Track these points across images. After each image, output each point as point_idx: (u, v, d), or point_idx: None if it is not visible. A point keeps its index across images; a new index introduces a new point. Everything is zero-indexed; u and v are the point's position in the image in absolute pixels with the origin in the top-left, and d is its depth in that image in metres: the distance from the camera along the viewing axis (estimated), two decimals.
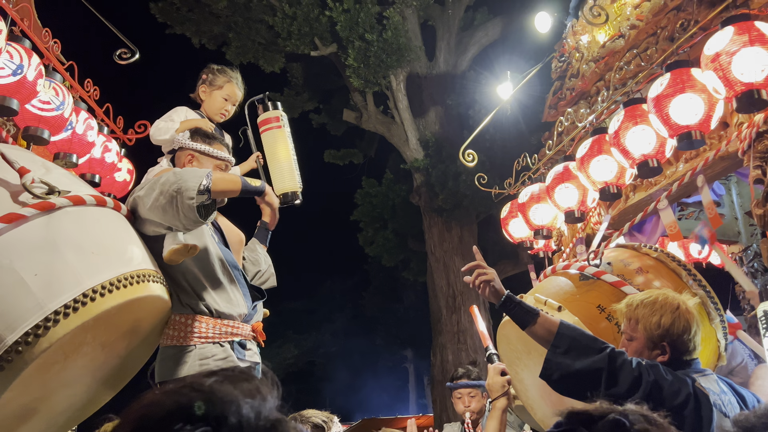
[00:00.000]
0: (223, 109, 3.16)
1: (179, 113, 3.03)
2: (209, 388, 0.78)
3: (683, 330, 2.11)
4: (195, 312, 2.50)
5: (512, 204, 4.06)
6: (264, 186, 2.57)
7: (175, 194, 2.25)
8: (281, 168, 2.96)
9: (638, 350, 2.18)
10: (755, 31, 2.45)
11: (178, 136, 2.79)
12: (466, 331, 9.90)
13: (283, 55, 10.56)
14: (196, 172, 2.34)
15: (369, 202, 11.74)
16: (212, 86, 3.14)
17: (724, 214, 4.21)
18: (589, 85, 3.79)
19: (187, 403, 0.76)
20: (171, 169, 2.72)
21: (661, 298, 2.18)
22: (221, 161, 2.77)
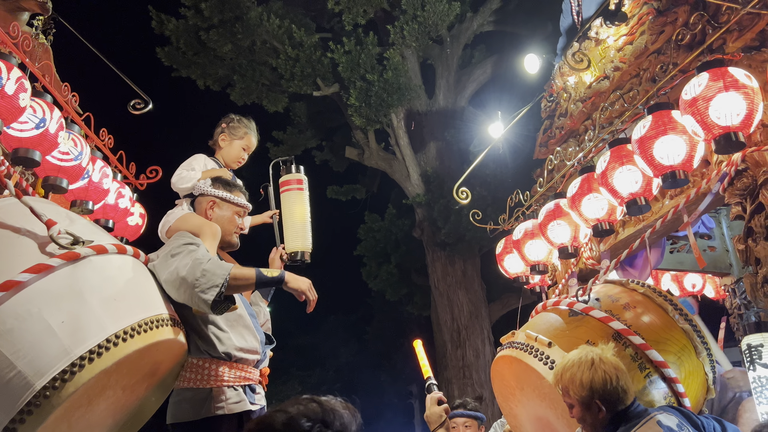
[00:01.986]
0: (240, 158, 3.31)
1: (198, 161, 3.18)
2: (322, 401, 1.11)
3: (604, 382, 2.22)
4: (212, 356, 2.61)
5: (507, 240, 4.15)
6: (283, 274, 2.63)
7: (191, 290, 2.41)
8: (295, 227, 3.14)
9: (581, 414, 2.29)
10: (729, 77, 2.58)
11: (200, 183, 2.96)
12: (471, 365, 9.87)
13: (286, 95, 10.82)
14: (213, 275, 2.44)
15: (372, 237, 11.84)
16: (233, 136, 3.29)
17: (715, 246, 4.28)
18: (577, 124, 3.92)
19: (306, 410, 1.07)
20: (190, 217, 2.89)
21: (577, 358, 2.30)
22: (240, 208, 2.95)
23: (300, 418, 1.07)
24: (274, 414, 1.10)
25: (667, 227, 3.28)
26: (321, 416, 1.08)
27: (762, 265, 2.61)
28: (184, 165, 3.13)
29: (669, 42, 3.20)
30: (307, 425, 1.06)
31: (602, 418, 2.24)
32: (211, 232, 2.82)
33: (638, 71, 3.47)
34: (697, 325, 2.77)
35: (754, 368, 2.42)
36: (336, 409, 1.11)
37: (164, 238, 2.94)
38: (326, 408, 1.10)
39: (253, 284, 2.56)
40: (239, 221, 2.97)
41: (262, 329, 3.01)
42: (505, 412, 3.19)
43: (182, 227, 2.83)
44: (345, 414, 1.11)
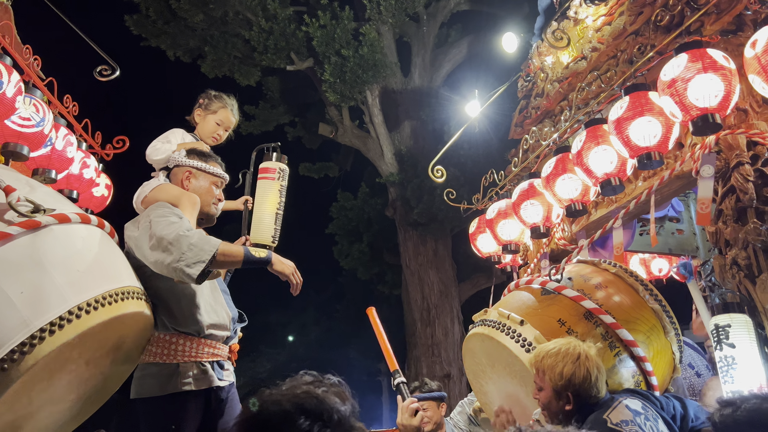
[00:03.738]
0: (215, 133, 3.22)
1: (176, 135, 3.10)
2: (319, 395, 1.07)
3: (584, 378, 2.25)
4: (180, 331, 2.56)
5: (480, 219, 4.15)
6: (270, 256, 2.60)
7: (177, 263, 2.38)
8: (262, 219, 3.06)
9: (547, 400, 2.32)
10: (708, 59, 2.58)
11: (175, 154, 2.90)
12: (440, 343, 9.97)
13: (259, 69, 10.61)
14: (201, 250, 2.40)
15: (344, 215, 11.79)
16: (207, 110, 3.22)
17: (683, 229, 4.35)
18: (554, 105, 3.91)
19: (304, 404, 1.04)
20: (167, 187, 2.82)
21: (563, 348, 2.32)
22: (217, 178, 2.90)
23: (297, 416, 1.03)
24: (269, 407, 1.05)
25: (639, 208, 3.31)
26: (319, 413, 1.05)
27: (731, 246, 2.65)
28: (161, 137, 3.05)
29: (647, 23, 3.19)
30: (306, 424, 1.02)
31: (567, 410, 2.28)
32: (191, 202, 2.76)
33: (616, 52, 3.46)
34: (666, 305, 2.80)
35: (720, 348, 2.46)
36: (333, 403, 1.08)
37: (139, 208, 2.87)
38: (325, 403, 1.07)
39: (240, 263, 2.52)
40: (217, 192, 2.90)
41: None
42: (476, 389, 3.21)
43: (160, 197, 2.76)
44: (342, 405, 1.09)
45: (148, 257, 2.47)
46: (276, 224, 3.07)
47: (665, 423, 2.31)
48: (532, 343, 2.59)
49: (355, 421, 1.10)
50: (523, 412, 2.80)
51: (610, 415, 2.19)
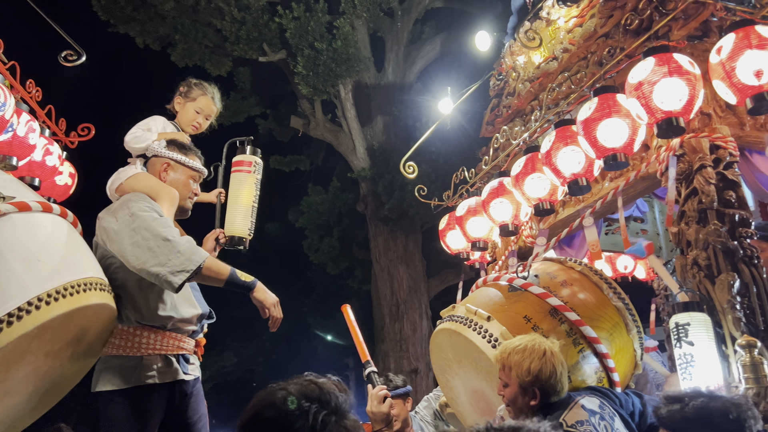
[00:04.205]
0: (194, 121, 3.16)
1: (157, 123, 3.03)
2: (320, 382, 1.24)
3: (550, 374, 2.29)
4: (145, 324, 2.51)
5: (450, 216, 4.17)
6: (255, 283, 2.56)
7: (159, 267, 2.35)
8: (237, 211, 3.03)
9: (513, 395, 2.35)
10: (674, 63, 2.64)
11: (154, 144, 2.83)
12: (408, 339, 10.01)
13: (230, 59, 10.46)
14: (187, 260, 2.38)
15: (315, 209, 11.73)
16: (186, 98, 3.15)
17: (647, 230, 4.45)
18: (524, 104, 3.95)
19: (306, 390, 1.21)
20: (145, 178, 2.75)
21: (530, 345, 2.35)
22: (195, 172, 2.85)
23: (300, 398, 1.20)
24: (277, 391, 1.23)
25: (605, 208, 3.37)
26: (318, 396, 1.21)
27: (692, 247, 2.72)
28: (141, 124, 2.97)
29: (617, 26, 3.25)
30: (306, 405, 1.18)
31: (532, 406, 2.31)
32: (170, 197, 2.70)
33: (586, 54, 3.51)
34: (629, 303, 2.87)
35: (680, 345, 2.53)
36: (331, 390, 1.24)
37: (113, 195, 2.79)
38: (323, 389, 1.23)
39: (223, 281, 2.48)
40: (194, 186, 2.86)
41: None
42: (442, 384, 3.24)
43: (137, 187, 2.69)
44: (340, 395, 1.24)
45: (126, 253, 2.41)
46: (252, 217, 3.05)
47: (623, 420, 2.36)
48: (498, 339, 2.62)
49: (351, 412, 1.24)
50: (488, 407, 2.84)
51: (566, 417, 2.23)
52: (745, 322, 2.52)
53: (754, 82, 2.47)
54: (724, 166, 2.76)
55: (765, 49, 2.45)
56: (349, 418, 1.23)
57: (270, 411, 1.20)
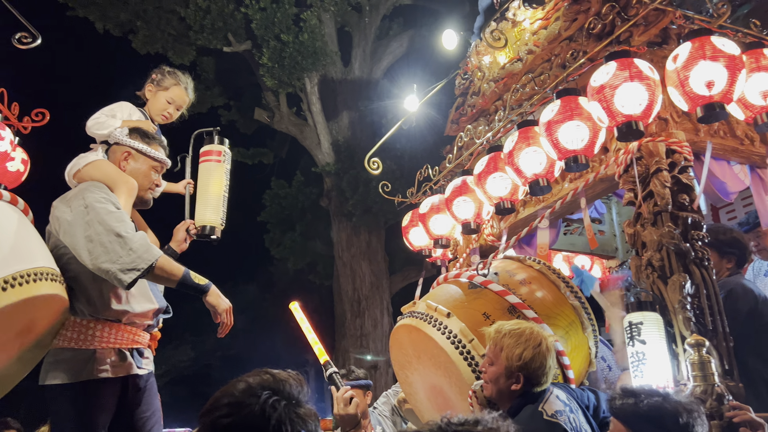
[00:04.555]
0: (165, 111, 3.08)
1: (123, 109, 2.94)
2: (274, 373, 1.32)
3: (540, 365, 2.32)
4: (99, 317, 2.44)
5: (413, 213, 4.19)
6: (208, 286, 2.52)
7: (109, 263, 2.30)
8: (208, 200, 2.97)
9: (496, 375, 2.37)
10: (635, 68, 2.70)
11: (116, 131, 2.74)
12: (369, 335, 10.03)
13: (194, 48, 10.27)
14: (139, 258, 2.33)
15: (278, 203, 11.63)
16: (159, 87, 3.07)
17: (605, 231, 4.55)
18: (489, 104, 3.99)
19: (261, 380, 1.28)
20: (104, 166, 2.66)
21: (527, 332, 2.37)
22: (158, 162, 2.78)
23: (256, 388, 1.27)
24: (236, 383, 1.30)
25: (565, 209, 3.43)
26: (273, 385, 1.28)
27: (647, 248, 2.79)
28: (106, 110, 2.88)
29: (581, 30, 3.30)
30: (260, 392, 1.25)
31: (513, 390, 2.32)
32: (128, 188, 2.63)
33: (550, 56, 3.56)
34: (585, 302, 2.93)
35: (633, 344, 2.59)
36: (286, 380, 1.31)
37: (71, 181, 2.71)
38: (277, 379, 1.30)
39: (175, 282, 2.44)
40: (155, 177, 2.79)
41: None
42: (401, 380, 3.25)
43: (95, 175, 2.61)
44: (294, 384, 1.31)
45: (79, 246, 2.35)
46: (223, 207, 3.00)
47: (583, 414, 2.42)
48: (457, 335, 2.65)
49: (309, 404, 1.31)
50: (446, 403, 2.86)
51: (544, 407, 2.26)
52: (695, 321, 2.60)
53: (706, 92, 2.55)
54: (679, 170, 2.84)
55: (717, 61, 2.53)
56: (304, 406, 1.29)
57: (226, 399, 1.27)
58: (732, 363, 2.60)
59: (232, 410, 1.24)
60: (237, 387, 1.29)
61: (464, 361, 2.62)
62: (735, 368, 2.60)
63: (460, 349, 2.63)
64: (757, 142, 3.16)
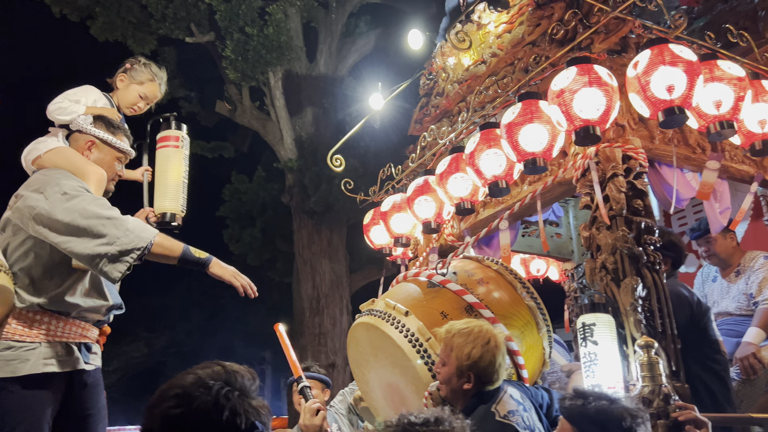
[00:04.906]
0: (135, 105, 2.98)
1: (88, 95, 2.82)
2: (225, 364, 1.28)
3: (489, 363, 2.34)
4: (46, 309, 2.35)
5: (375, 211, 4.19)
6: (210, 258, 2.44)
7: (107, 247, 2.21)
8: (167, 187, 2.89)
9: (448, 376, 2.39)
10: (594, 74, 2.75)
11: (80, 118, 2.64)
12: (327, 333, 9.98)
13: (155, 37, 10.02)
14: (137, 237, 2.26)
15: (238, 198, 11.46)
16: (132, 79, 2.96)
17: (561, 233, 4.64)
18: (452, 105, 4.02)
19: (212, 372, 1.25)
20: (69, 154, 2.56)
21: (476, 330, 2.39)
22: (122, 153, 2.69)
23: (207, 379, 1.23)
24: (185, 375, 1.26)
25: (523, 211, 3.48)
26: (224, 377, 1.25)
27: (602, 251, 2.85)
28: (70, 94, 2.76)
29: (544, 35, 3.35)
30: (210, 383, 1.22)
31: (466, 389, 2.34)
32: (97, 179, 2.53)
33: (513, 60, 3.61)
34: (541, 303, 2.98)
35: (585, 345, 2.64)
36: (237, 371, 1.28)
37: (29, 167, 2.59)
38: (229, 370, 1.27)
39: (176, 259, 2.36)
40: (119, 167, 2.70)
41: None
42: (358, 378, 3.24)
43: (59, 163, 2.50)
44: (246, 376, 1.28)
45: (61, 233, 2.25)
46: (183, 193, 2.93)
47: (536, 413, 2.46)
48: (414, 333, 2.66)
49: (257, 393, 1.28)
50: (402, 401, 2.87)
51: (497, 407, 2.29)
52: (645, 324, 2.67)
53: (666, 96, 2.62)
54: (634, 175, 2.91)
55: (677, 66, 2.60)
56: (257, 398, 1.26)
57: (175, 390, 1.23)
58: (679, 365, 2.68)
59: (181, 402, 1.21)
60: (186, 379, 1.24)
61: (421, 359, 2.63)
62: (681, 370, 2.68)
63: (417, 348, 2.64)
64: (708, 151, 3.27)
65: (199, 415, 1.19)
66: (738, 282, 3.71)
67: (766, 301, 3.44)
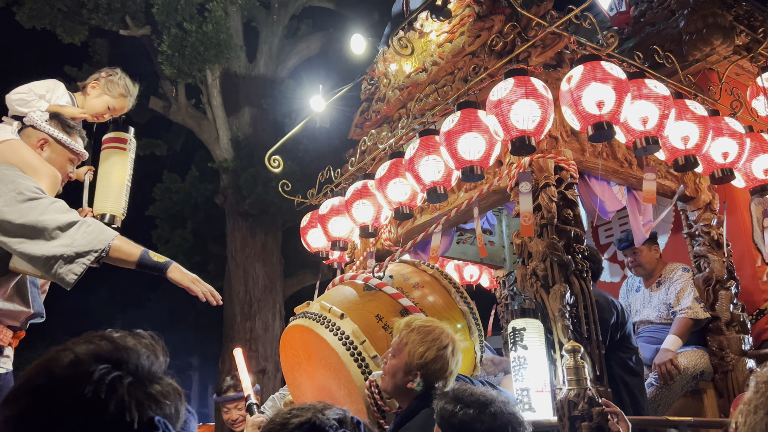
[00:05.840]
0: (101, 115, 2.90)
1: (54, 91, 2.72)
2: (114, 338, 0.95)
3: (440, 368, 2.26)
4: None
5: (313, 214, 4.15)
6: (169, 263, 2.34)
7: (64, 248, 2.12)
8: (109, 188, 2.81)
9: (395, 369, 2.31)
10: (530, 86, 2.84)
11: (35, 114, 2.52)
12: (258, 338, 9.79)
13: (86, 28, 9.60)
14: (95, 239, 2.17)
15: (169, 198, 11.10)
16: (107, 90, 2.90)
17: (494, 241, 4.75)
18: (393, 111, 4.05)
19: (96, 349, 0.91)
20: (22, 149, 2.41)
21: (436, 332, 2.31)
22: (75, 155, 2.59)
23: (88, 360, 0.89)
24: (60, 353, 0.91)
25: (459, 217, 3.54)
26: (112, 356, 0.91)
27: (533, 258, 2.94)
28: (36, 86, 2.66)
29: (483, 46, 3.44)
30: (96, 368, 0.88)
31: (409, 388, 2.27)
32: (51, 180, 2.41)
33: (453, 69, 3.68)
34: (474, 307, 3.03)
35: (515, 349, 2.71)
36: (131, 347, 0.94)
37: None
38: (120, 346, 0.93)
39: (133, 263, 2.26)
40: (70, 169, 2.59)
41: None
42: (289, 382, 3.19)
43: (11, 158, 2.36)
44: (144, 352, 0.95)
45: (11, 234, 2.14)
46: (125, 196, 2.88)
47: None
48: (349, 336, 2.64)
49: (161, 373, 0.96)
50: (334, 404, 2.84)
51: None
52: (572, 329, 2.77)
53: (596, 111, 2.74)
54: (565, 186, 3.02)
55: (607, 83, 2.72)
56: (159, 382, 0.94)
57: (41, 379, 0.89)
58: (603, 369, 2.79)
59: (46, 396, 0.87)
60: (59, 360, 0.90)
61: (354, 362, 2.62)
62: (605, 374, 2.79)
63: (351, 351, 2.63)
64: (634, 165, 3.44)
65: (69, 413, 0.85)
66: (659, 292, 3.90)
67: (683, 310, 3.63)
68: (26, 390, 0.89)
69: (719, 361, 3.56)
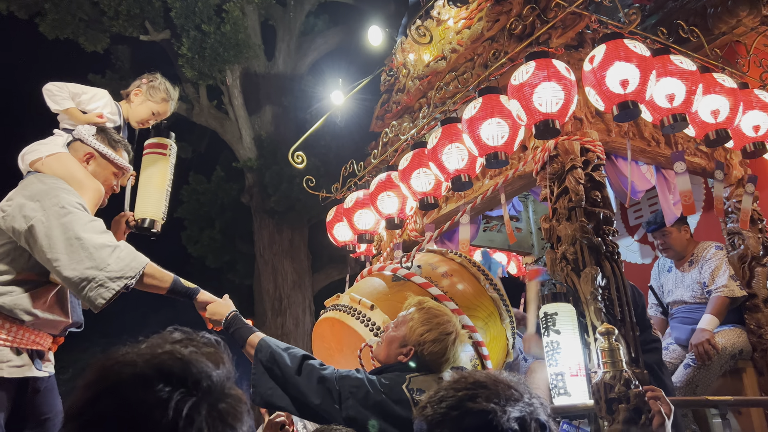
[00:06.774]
0: (146, 121, 2.96)
1: (94, 98, 2.80)
2: (186, 355, 0.86)
3: (437, 352, 2.22)
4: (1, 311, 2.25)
5: (338, 209, 4.17)
6: (197, 290, 2.44)
7: (95, 271, 2.16)
8: (150, 193, 2.85)
9: (391, 338, 2.31)
10: (552, 68, 2.80)
11: (83, 128, 2.59)
12: (290, 333, 9.89)
13: (108, 35, 9.75)
14: (127, 266, 2.22)
15: (196, 199, 11.24)
16: (149, 96, 2.94)
17: (522, 228, 4.71)
18: (413, 101, 4.03)
19: (165, 365, 0.83)
20: (70, 163, 2.48)
21: (443, 319, 2.29)
22: (119, 170, 2.64)
23: (156, 381, 0.80)
24: (121, 369, 0.82)
25: (485, 205, 3.52)
26: (184, 378, 0.82)
27: (562, 242, 2.91)
28: (73, 86, 2.75)
29: (503, 30, 3.40)
30: (166, 391, 0.79)
31: (399, 360, 2.24)
32: (95, 195, 2.48)
33: (473, 55, 3.64)
34: (504, 294, 3.01)
35: (548, 334, 2.69)
36: (202, 367, 0.85)
37: (25, 166, 2.52)
38: (186, 359, 0.85)
39: (165, 290, 2.34)
40: (115, 182, 2.65)
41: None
42: None
43: (58, 170, 2.42)
44: (214, 369, 0.87)
45: (55, 248, 2.19)
46: (166, 201, 2.91)
47: None
48: (380, 327, 2.65)
49: (231, 387, 0.89)
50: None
51: (413, 379, 2.19)
52: (605, 312, 2.73)
53: (621, 90, 2.69)
54: (592, 168, 2.98)
55: (631, 62, 2.67)
56: (229, 397, 0.87)
57: (108, 401, 0.80)
58: (638, 351, 2.75)
59: (121, 425, 0.77)
60: (122, 375, 0.82)
61: None
62: (640, 356, 2.75)
63: None
64: (662, 143, 3.37)
65: None
66: (692, 271, 3.83)
67: (719, 289, 3.56)
68: (88, 415, 0.81)
69: (758, 339, 3.48)
